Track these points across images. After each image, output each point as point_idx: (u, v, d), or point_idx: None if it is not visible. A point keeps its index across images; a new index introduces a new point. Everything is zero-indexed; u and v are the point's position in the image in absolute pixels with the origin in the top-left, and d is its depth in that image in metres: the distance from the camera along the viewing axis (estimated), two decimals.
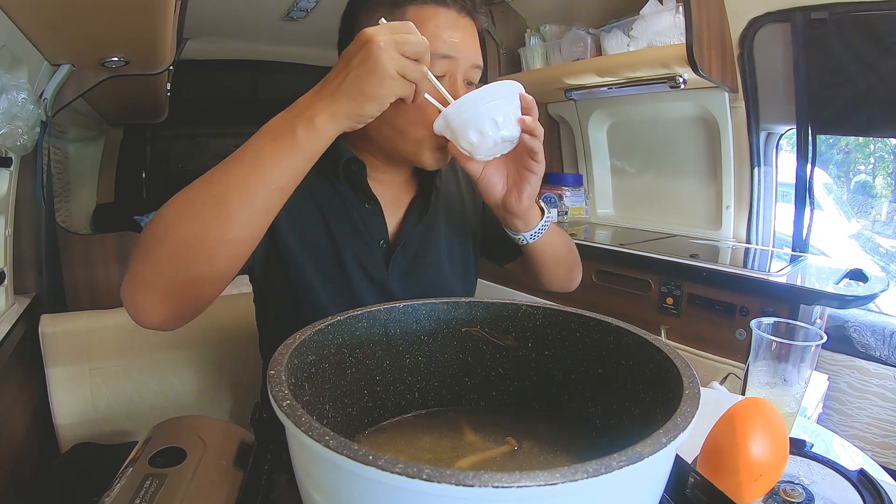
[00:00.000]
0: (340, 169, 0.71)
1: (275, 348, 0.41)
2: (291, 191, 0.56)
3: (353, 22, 0.70)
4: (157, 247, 0.52)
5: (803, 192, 1.54)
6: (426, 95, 0.59)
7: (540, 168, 0.66)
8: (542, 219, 0.72)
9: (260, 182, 0.53)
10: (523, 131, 0.62)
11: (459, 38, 0.66)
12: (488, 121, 0.59)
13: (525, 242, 0.73)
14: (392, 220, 0.76)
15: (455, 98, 0.60)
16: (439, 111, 0.61)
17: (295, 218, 0.70)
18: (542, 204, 0.74)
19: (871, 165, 2.65)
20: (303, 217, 0.71)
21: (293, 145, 0.53)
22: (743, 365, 0.91)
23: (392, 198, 0.77)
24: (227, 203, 0.52)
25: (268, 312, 0.79)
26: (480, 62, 0.70)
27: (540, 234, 0.73)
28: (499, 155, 0.65)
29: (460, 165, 0.68)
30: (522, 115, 0.62)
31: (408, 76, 0.53)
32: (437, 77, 0.61)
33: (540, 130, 0.64)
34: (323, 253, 0.72)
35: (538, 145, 0.64)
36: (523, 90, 0.62)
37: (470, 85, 0.69)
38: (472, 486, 0.25)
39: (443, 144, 0.68)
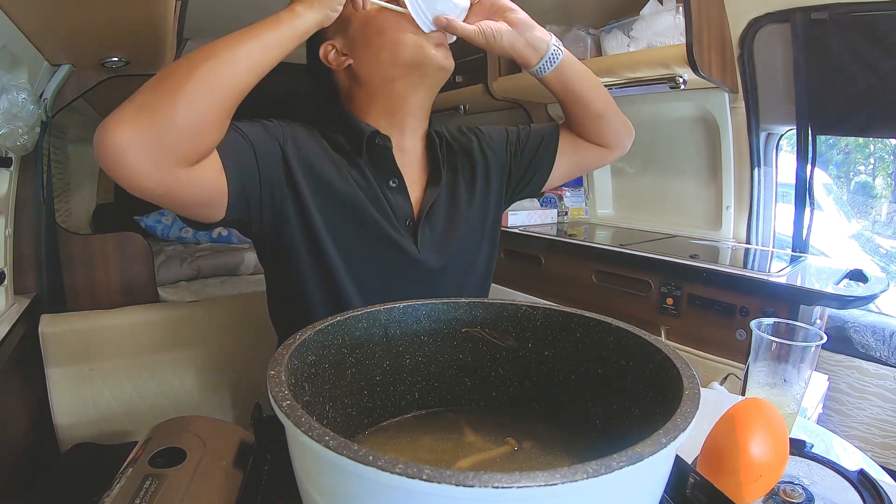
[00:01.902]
0: (364, 145, 0.74)
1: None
2: (275, 57, 0.61)
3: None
4: (134, 95, 0.53)
5: (803, 193, 1.54)
6: (388, 5, 0.69)
7: (513, 9, 0.75)
8: (549, 40, 0.77)
9: (248, 36, 0.59)
10: None
11: None
12: None
13: (545, 73, 0.78)
14: (414, 196, 0.78)
15: None
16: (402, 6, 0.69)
17: (319, 197, 0.71)
18: (554, 38, 0.78)
19: (871, 166, 2.65)
20: (327, 197, 0.71)
21: (276, 24, 0.61)
22: (743, 365, 0.91)
23: (413, 176, 0.79)
24: (215, 47, 0.57)
25: (287, 296, 0.77)
26: None
27: (556, 60, 0.78)
28: (466, 11, 0.72)
29: (453, 33, 0.73)
30: None
31: None
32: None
33: None
34: (349, 232, 0.72)
35: None
36: None
37: None
38: (472, 486, 0.25)
39: (438, 40, 0.73)
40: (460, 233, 0.80)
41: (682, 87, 1.58)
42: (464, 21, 0.73)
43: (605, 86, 1.78)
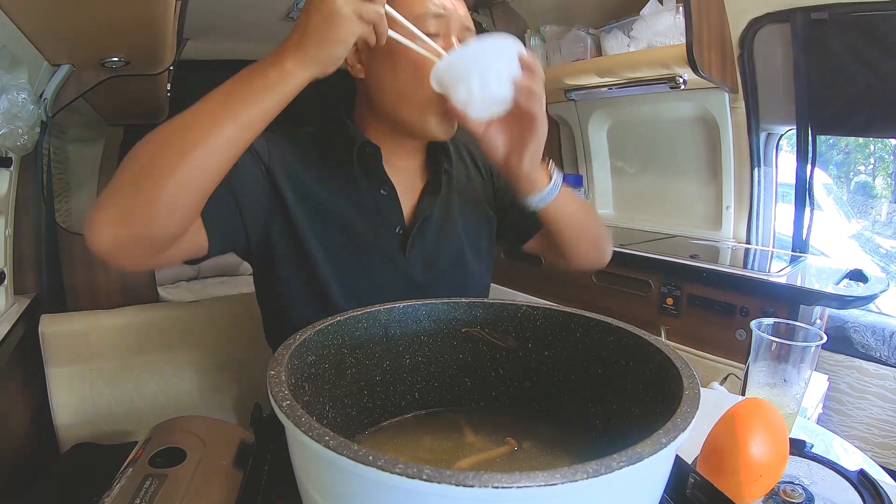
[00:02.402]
0: (355, 154, 0.72)
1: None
2: (258, 131, 0.56)
3: None
4: (120, 172, 0.53)
5: (803, 193, 1.54)
6: (415, 47, 0.61)
7: (540, 132, 0.65)
8: (549, 183, 0.71)
9: (228, 114, 0.54)
10: (519, 92, 0.61)
11: (450, 1, 0.69)
12: (477, 77, 0.58)
13: (535, 207, 0.72)
14: (407, 206, 0.77)
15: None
16: (433, 63, 0.61)
17: (307, 209, 0.70)
18: (554, 168, 0.73)
19: (871, 166, 2.66)
20: (316, 208, 0.71)
21: (265, 86, 0.54)
22: (743, 365, 0.91)
23: (407, 184, 0.77)
24: (192, 130, 0.53)
25: (277, 307, 0.77)
26: (472, 25, 0.71)
27: (550, 198, 0.71)
28: (495, 114, 0.63)
29: (459, 122, 0.68)
30: (521, 74, 0.61)
31: (364, 17, 0.54)
32: (430, 36, 0.64)
33: (539, 92, 0.62)
34: (337, 242, 0.72)
35: (536, 108, 0.63)
36: (523, 50, 0.61)
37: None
38: (472, 486, 0.25)
39: (447, 110, 0.67)
40: (452, 249, 0.79)
41: (682, 87, 1.58)
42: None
43: (606, 86, 1.79)
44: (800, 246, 1.58)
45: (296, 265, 0.71)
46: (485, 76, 0.59)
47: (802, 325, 0.64)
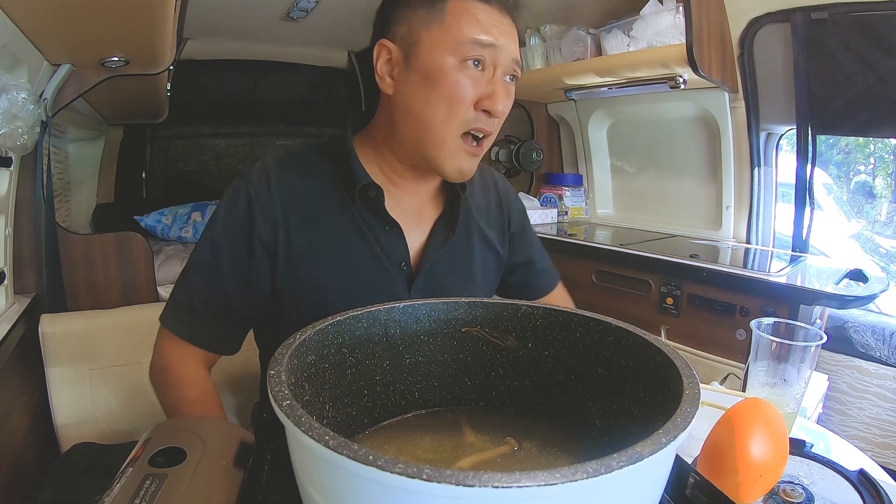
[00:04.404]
0: (357, 195, 0.69)
1: None
2: None
3: (392, 14, 0.66)
4: None
5: (803, 193, 1.54)
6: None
7: None
8: None
9: None
10: None
11: (500, 31, 0.64)
12: None
13: None
14: (415, 239, 0.73)
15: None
16: (471, 105, 0.63)
17: (303, 249, 0.68)
18: None
19: (871, 165, 2.66)
20: (311, 248, 0.68)
21: None
22: (743, 365, 0.91)
23: (415, 214, 0.74)
24: None
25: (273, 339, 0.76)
26: (520, 59, 0.68)
27: None
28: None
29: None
30: None
31: None
32: (482, 64, 0.63)
33: None
34: (340, 276, 0.69)
35: None
36: None
37: (511, 80, 0.67)
38: (472, 486, 0.25)
39: (469, 149, 0.66)
40: (460, 285, 0.75)
41: (682, 86, 1.58)
42: None
43: (606, 86, 1.79)
44: (800, 246, 1.58)
45: (300, 301, 0.69)
46: None
47: (802, 324, 0.64)
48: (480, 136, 0.66)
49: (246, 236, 0.67)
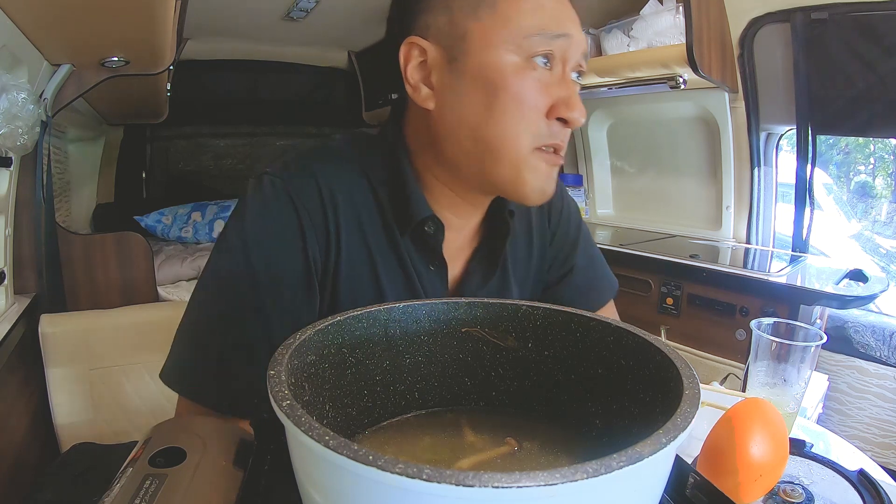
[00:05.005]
0: (411, 226, 0.57)
1: None
2: None
3: (421, 1, 0.54)
4: None
5: (803, 193, 1.54)
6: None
7: None
8: None
9: None
10: None
11: (568, 17, 0.53)
12: None
13: None
14: (453, 275, 0.63)
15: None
16: (543, 115, 0.51)
17: (345, 272, 0.58)
18: None
19: (871, 165, 2.66)
20: (353, 272, 0.58)
21: None
22: (743, 365, 0.91)
23: (459, 248, 0.63)
24: None
25: None
26: (588, 50, 0.56)
27: None
28: None
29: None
30: None
31: None
32: (550, 61, 0.51)
33: None
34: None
35: None
36: None
37: (578, 77, 0.55)
38: (472, 486, 0.25)
39: (551, 160, 0.54)
40: None
41: (682, 86, 1.58)
42: None
43: (606, 86, 1.79)
44: (800, 246, 1.58)
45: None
46: None
47: (802, 324, 0.64)
48: (551, 151, 0.54)
49: (300, 254, 0.55)
